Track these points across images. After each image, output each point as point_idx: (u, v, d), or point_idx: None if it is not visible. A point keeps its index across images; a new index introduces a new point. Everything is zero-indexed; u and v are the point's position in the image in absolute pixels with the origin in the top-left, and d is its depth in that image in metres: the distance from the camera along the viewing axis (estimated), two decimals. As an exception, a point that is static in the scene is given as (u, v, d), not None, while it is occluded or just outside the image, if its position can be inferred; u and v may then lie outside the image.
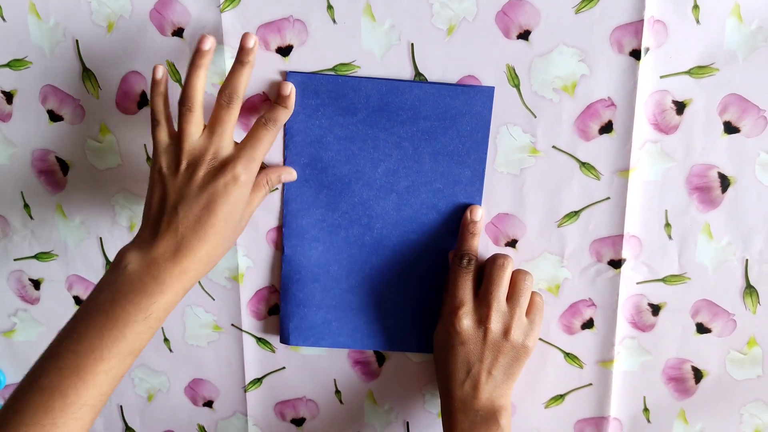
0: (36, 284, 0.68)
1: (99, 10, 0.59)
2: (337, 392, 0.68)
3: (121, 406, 0.71)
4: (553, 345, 0.63)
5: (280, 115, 0.56)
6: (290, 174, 0.60)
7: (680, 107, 0.56)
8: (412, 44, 0.57)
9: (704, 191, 0.58)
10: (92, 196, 0.64)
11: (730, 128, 0.57)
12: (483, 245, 0.61)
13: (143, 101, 0.61)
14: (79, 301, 0.68)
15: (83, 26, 0.59)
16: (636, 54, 0.55)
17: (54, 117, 0.62)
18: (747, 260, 0.59)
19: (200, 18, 0.58)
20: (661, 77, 0.56)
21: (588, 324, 0.63)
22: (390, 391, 0.67)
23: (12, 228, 0.66)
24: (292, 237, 0.62)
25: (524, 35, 0.56)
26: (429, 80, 0.58)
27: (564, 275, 0.61)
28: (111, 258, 0.66)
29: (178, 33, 0.59)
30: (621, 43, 0.55)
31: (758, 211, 0.58)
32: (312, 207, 0.61)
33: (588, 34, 0.55)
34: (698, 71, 0.56)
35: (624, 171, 0.58)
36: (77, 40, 0.60)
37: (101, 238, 0.66)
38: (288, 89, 0.56)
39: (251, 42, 0.54)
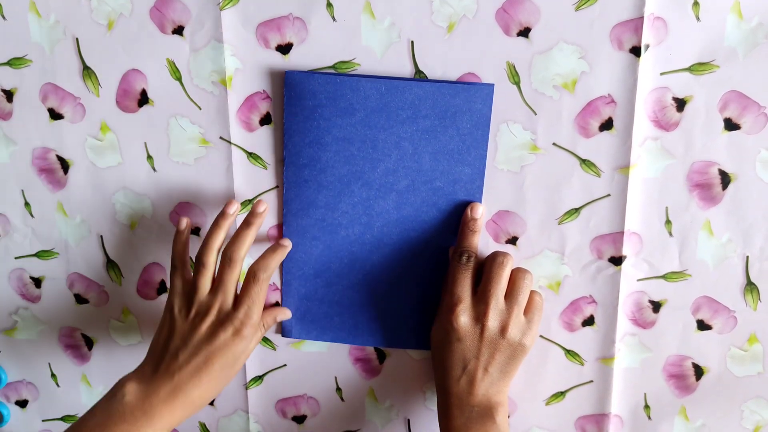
0: (37, 282, 0.68)
1: (99, 8, 0.59)
2: (338, 389, 0.68)
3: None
4: (554, 342, 0.64)
5: (270, 264, 0.59)
6: (285, 314, 0.63)
7: (680, 104, 0.56)
8: (412, 42, 0.57)
9: (705, 188, 0.58)
10: (93, 195, 0.64)
11: (731, 125, 0.57)
12: (483, 242, 0.61)
13: (144, 99, 0.61)
14: (80, 299, 0.68)
15: (83, 24, 0.59)
16: (636, 51, 0.55)
17: (54, 115, 0.62)
18: (747, 257, 0.59)
19: (200, 16, 0.58)
20: (662, 74, 0.56)
21: (589, 321, 0.63)
22: (391, 388, 0.67)
23: (13, 226, 0.66)
24: (293, 236, 0.62)
25: (524, 32, 0.56)
26: (429, 78, 0.58)
27: (564, 272, 0.61)
28: (111, 256, 0.66)
29: (179, 31, 0.59)
30: (621, 40, 0.55)
31: (759, 208, 0.58)
32: (311, 207, 0.61)
33: (588, 31, 0.55)
34: (698, 68, 0.55)
35: (624, 168, 0.58)
36: (77, 38, 0.60)
37: (102, 236, 0.66)
38: (287, 241, 0.61)
39: (262, 208, 0.59)
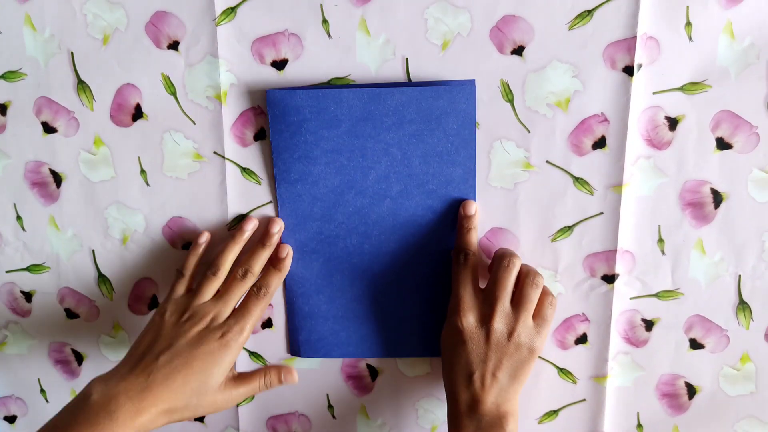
0: (27, 296, 0.68)
1: (94, 23, 0.59)
2: (330, 407, 0.67)
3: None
4: (547, 360, 0.63)
5: (273, 282, 0.59)
6: (292, 376, 0.61)
7: (673, 123, 0.57)
8: (407, 59, 0.57)
9: (697, 207, 0.59)
10: (85, 209, 0.64)
11: (723, 144, 0.57)
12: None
13: (138, 114, 0.61)
14: (71, 314, 0.68)
15: (78, 38, 0.59)
16: (629, 70, 0.55)
17: (48, 129, 0.62)
18: (740, 276, 0.60)
19: (196, 31, 0.58)
20: (654, 93, 0.56)
21: (581, 339, 0.62)
22: (383, 406, 0.67)
23: (4, 240, 0.66)
24: (292, 252, 0.62)
25: (518, 51, 0.56)
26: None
27: (557, 290, 0.61)
28: (103, 270, 0.66)
29: (174, 46, 0.59)
30: (614, 60, 0.55)
31: (751, 227, 0.58)
32: (308, 221, 0.61)
33: (581, 51, 0.55)
34: (691, 87, 0.56)
35: (617, 186, 0.58)
36: (72, 53, 0.60)
37: (94, 251, 0.65)
38: (285, 252, 0.60)
39: (276, 228, 0.60)
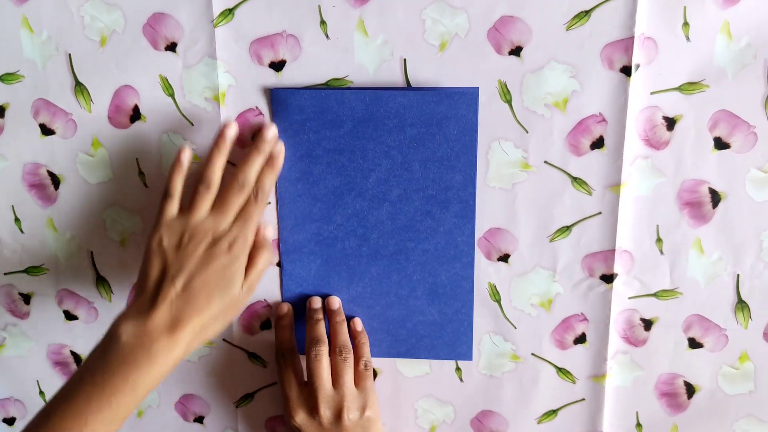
0: (26, 299, 0.68)
1: (92, 25, 0.59)
2: (329, 408, 0.67)
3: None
4: (546, 360, 0.63)
5: (267, 182, 0.57)
6: (270, 230, 0.60)
7: (671, 123, 0.57)
8: (405, 59, 0.57)
9: (695, 206, 0.59)
10: (83, 211, 0.64)
11: (721, 144, 0.57)
12: (476, 260, 0.61)
13: (136, 115, 0.61)
14: (69, 316, 0.68)
15: (76, 40, 0.59)
16: (626, 70, 0.55)
17: (46, 131, 0.62)
18: (738, 275, 0.60)
19: (194, 32, 0.58)
20: (652, 93, 0.56)
21: (580, 339, 0.62)
22: (382, 406, 0.67)
23: (2, 242, 0.66)
24: (290, 252, 0.62)
25: (516, 51, 0.56)
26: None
27: (556, 290, 0.62)
28: (101, 272, 0.66)
29: (171, 48, 0.59)
30: (612, 60, 0.55)
31: (749, 226, 0.58)
32: (307, 221, 0.61)
33: (579, 51, 0.55)
34: (688, 87, 0.56)
35: (615, 186, 0.58)
36: (70, 54, 0.60)
37: (92, 253, 0.65)
38: (279, 147, 0.58)
39: (271, 134, 0.57)
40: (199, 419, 0.69)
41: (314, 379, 0.59)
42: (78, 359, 0.69)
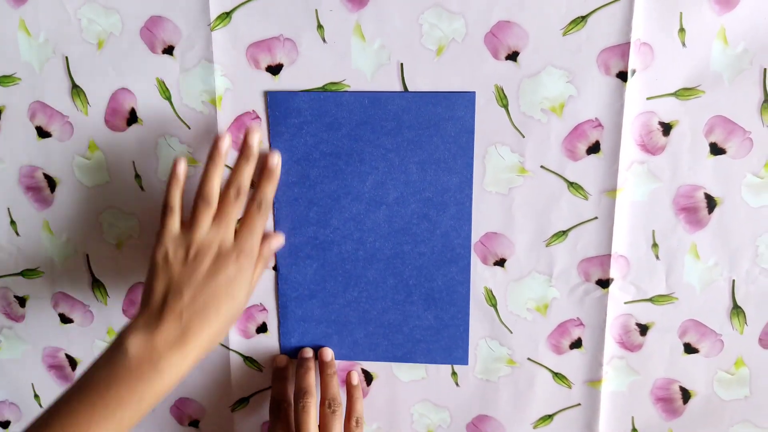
0: (21, 301, 0.68)
1: (89, 28, 0.59)
2: (325, 412, 0.67)
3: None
4: (542, 365, 0.63)
5: (268, 192, 0.57)
6: (279, 240, 0.61)
7: (666, 128, 0.57)
8: (402, 64, 0.57)
9: (691, 212, 0.59)
10: (79, 213, 0.64)
11: (716, 149, 0.57)
12: (472, 264, 0.61)
13: (132, 118, 0.61)
14: (65, 319, 0.67)
15: (73, 43, 0.59)
16: (623, 76, 0.55)
17: (42, 133, 0.62)
18: (734, 280, 0.60)
19: (191, 36, 0.58)
20: (648, 99, 0.56)
21: (576, 344, 0.62)
22: (378, 411, 0.67)
23: (-2, 244, 0.66)
24: (286, 256, 0.62)
25: (513, 56, 0.56)
26: (418, 100, 0.58)
27: (552, 294, 0.62)
28: (97, 275, 0.66)
29: (169, 51, 0.59)
30: (608, 65, 0.56)
31: (745, 232, 0.59)
32: (303, 225, 0.61)
33: (575, 56, 0.56)
34: (684, 93, 0.56)
35: (611, 191, 0.58)
36: (67, 57, 0.60)
37: (88, 256, 0.65)
38: (276, 160, 0.58)
39: (255, 139, 0.57)
40: (195, 423, 0.69)
41: (301, 431, 0.59)
42: (73, 362, 0.69)
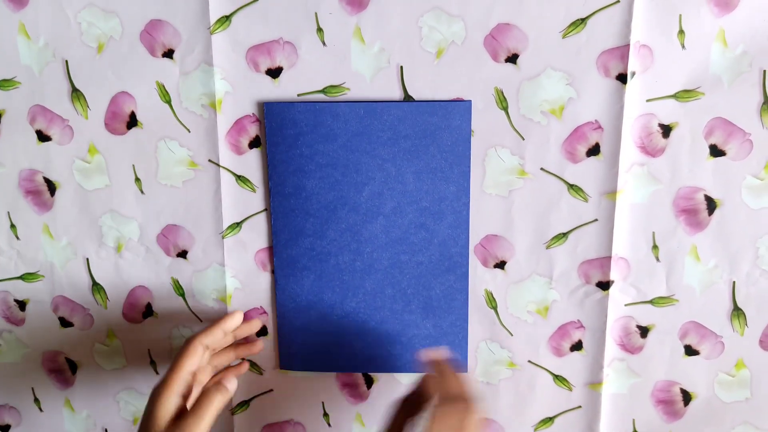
0: (21, 305, 0.68)
1: (89, 31, 0.59)
2: (325, 415, 0.67)
3: (106, 429, 0.70)
4: (542, 367, 0.63)
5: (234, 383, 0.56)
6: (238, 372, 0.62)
7: (666, 130, 0.57)
8: (402, 67, 0.57)
9: (691, 214, 0.59)
10: (79, 217, 0.64)
11: (716, 151, 0.57)
12: (472, 267, 0.61)
13: (132, 122, 0.61)
14: (65, 322, 0.67)
15: (73, 47, 0.59)
16: (622, 78, 0.56)
17: (42, 137, 0.62)
18: (734, 282, 0.60)
19: (190, 39, 0.58)
20: (648, 101, 0.56)
21: (577, 346, 0.62)
22: (378, 414, 0.66)
23: (-2, 248, 0.66)
24: (284, 266, 0.62)
25: (512, 59, 0.56)
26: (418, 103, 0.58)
27: (553, 297, 0.62)
28: (97, 279, 0.65)
29: (169, 54, 0.59)
30: (607, 67, 0.56)
31: (745, 234, 0.59)
32: (300, 236, 0.61)
33: (575, 59, 0.56)
34: (684, 95, 0.56)
35: (611, 193, 0.58)
36: (67, 61, 0.60)
37: (88, 259, 0.65)
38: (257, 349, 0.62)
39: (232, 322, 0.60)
40: None
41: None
42: (73, 366, 0.69)
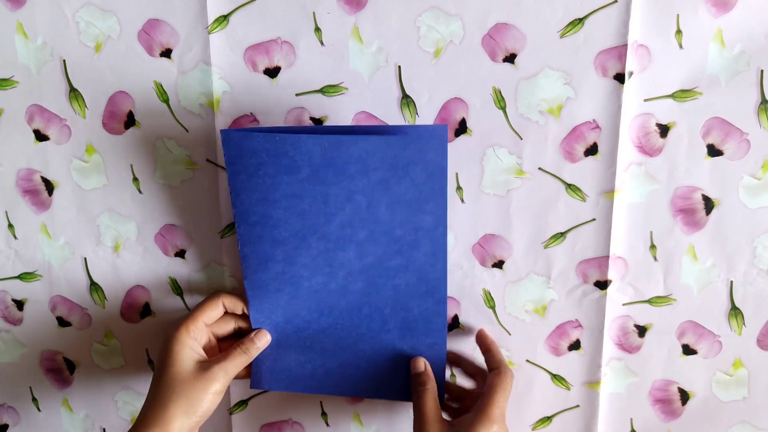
0: (19, 305, 0.68)
1: (87, 31, 0.59)
2: (323, 414, 0.67)
3: (104, 429, 0.70)
4: (540, 366, 0.63)
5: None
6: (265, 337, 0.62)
7: (664, 130, 0.57)
8: (400, 66, 0.57)
9: (688, 213, 0.59)
10: (77, 216, 0.64)
11: (714, 151, 0.57)
12: (469, 266, 0.61)
13: (130, 121, 0.61)
14: (63, 322, 0.67)
15: (71, 46, 0.59)
16: (620, 78, 0.56)
17: (40, 136, 0.62)
18: (732, 282, 0.60)
19: (188, 39, 0.58)
20: (645, 100, 0.57)
21: (575, 345, 0.62)
22: (376, 413, 0.67)
23: (-5, 248, 0.66)
24: (256, 288, 0.60)
25: (510, 58, 0.56)
26: (416, 102, 0.58)
27: (551, 296, 0.62)
28: (95, 278, 0.65)
29: (166, 54, 0.59)
30: (605, 67, 0.56)
31: (742, 233, 0.59)
32: (269, 262, 0.58)
33: (573, 58, 0.56)
34: (681, 95, 0.56)
35: (609, 193, 0.58)
36: (64, 60, 0.60)
37: (86, 259, 0.65)
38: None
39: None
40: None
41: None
42: (71, 366, 0.69)
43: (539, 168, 0.59)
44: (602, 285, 0.61)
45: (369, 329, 0.60)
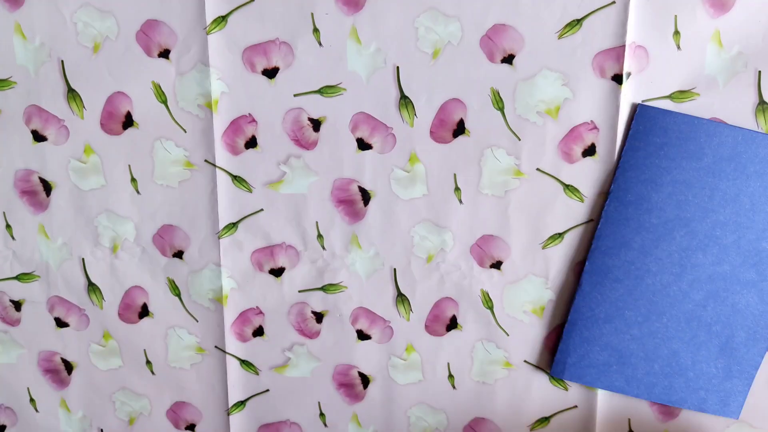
0: (17, 305, 0.67)
1: (85, 31, 0.59)
2: (322, 415, 0.67)
3: (102, 430, 0.70)
4: (539, 367, 0.63)
5: None
6: None
7: (662, 131, 0.57)
8: (398, 67, 0.57)
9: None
10: (75, 217, 0.64)
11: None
12: (467, 267, 0.61)
13: (128, 122, 0.61)
14: (60, 323, 0.67)
15: (69, 47, 0.59)
16: (618, 78, 0.56)
17: (38, 137, 0.62)
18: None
19: (187, 40, 0.58)
20: (643, 101, 0.57)
21: (573, 346, 0.63)
22: (374, 414, 0.67)
23: (-7, 248, 0.66)
24: (595, 274, 0.59)
25: (508, 59, 0.56)
26: (414, 103, 0.58)
27: (549, 297, 0.62)
28: (93, 279, 0.65)
29: (165, 54, 0.59)
30: (603, 68, 0.56)
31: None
32: (624, 248, 0.58)
33: (571, 59, 0.56)
34: (679, 96, 0.56)
35: (607, 193, 0.58)
36: (62, 61, 0.60)
37: (83, 259, 0.65)
38: None
39: None
40: (191, 427, 0.69)
41: None
42: (69, 367, 0.69)
43: (537, 169, 0.59)
44: (600, 286, 0.61)
45: (689, 344, 0.59)
